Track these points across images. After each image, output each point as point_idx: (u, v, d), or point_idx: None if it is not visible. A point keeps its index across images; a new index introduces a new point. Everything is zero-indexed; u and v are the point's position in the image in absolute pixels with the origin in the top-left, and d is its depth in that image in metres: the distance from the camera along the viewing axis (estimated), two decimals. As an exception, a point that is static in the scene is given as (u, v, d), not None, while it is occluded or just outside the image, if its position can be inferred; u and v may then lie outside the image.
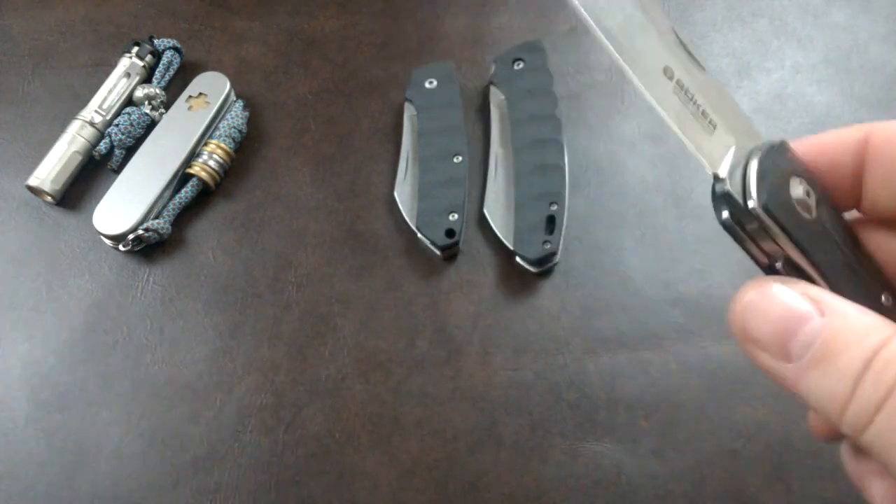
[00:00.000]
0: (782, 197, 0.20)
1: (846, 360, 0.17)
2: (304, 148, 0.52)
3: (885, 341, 0.16)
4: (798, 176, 0.20)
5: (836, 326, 0.17)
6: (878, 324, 0.17)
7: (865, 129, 0.20)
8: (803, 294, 0.18)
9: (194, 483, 0.42)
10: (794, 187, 0.20)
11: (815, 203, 0.20)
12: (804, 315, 0.18)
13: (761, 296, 0.19)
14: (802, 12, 0.56)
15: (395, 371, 0.44)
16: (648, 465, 0.42)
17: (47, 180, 0.48)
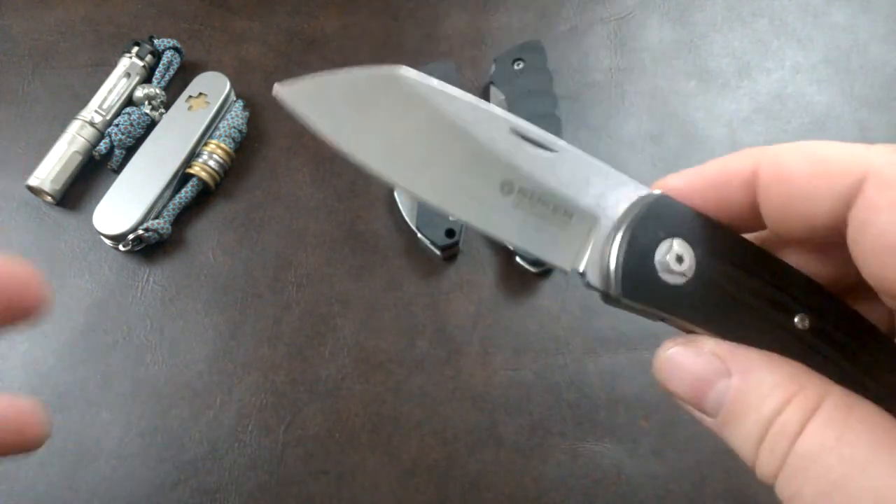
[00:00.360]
0: (646, 276, 0.20)
1: (748, 426, 0.18)
2: (304, 148, 0.52)
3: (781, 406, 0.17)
4: (670, 237, 0.20)
5: (739, 389, 0.18)
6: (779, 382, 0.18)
7: (752, 163, 0.20)
8: (711, 353, 0.19)
9: (194, 483, 0.42)
10: (660, 256, 0.20)
11: (691, 261, 0.20)
12: (712, 377, 0.18)
13: (674, 357, 0.20)
14: (802, 12, 0.56)
15: (395, 371, 0.44)
16: (648, 465, 0.42)
17: (47, 180, 0.48)
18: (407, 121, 0.20)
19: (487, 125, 0.20)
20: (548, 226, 0.20)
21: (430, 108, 0.20)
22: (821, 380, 0.18)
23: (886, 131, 0.52)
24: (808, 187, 0.18)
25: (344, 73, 0.20)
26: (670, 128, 0.52)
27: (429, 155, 0.20)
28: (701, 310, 0.20)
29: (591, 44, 0.55)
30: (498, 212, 0.20)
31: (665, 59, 0.55)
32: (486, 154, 0.20)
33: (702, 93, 0.53)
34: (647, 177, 0.54)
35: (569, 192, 0.20)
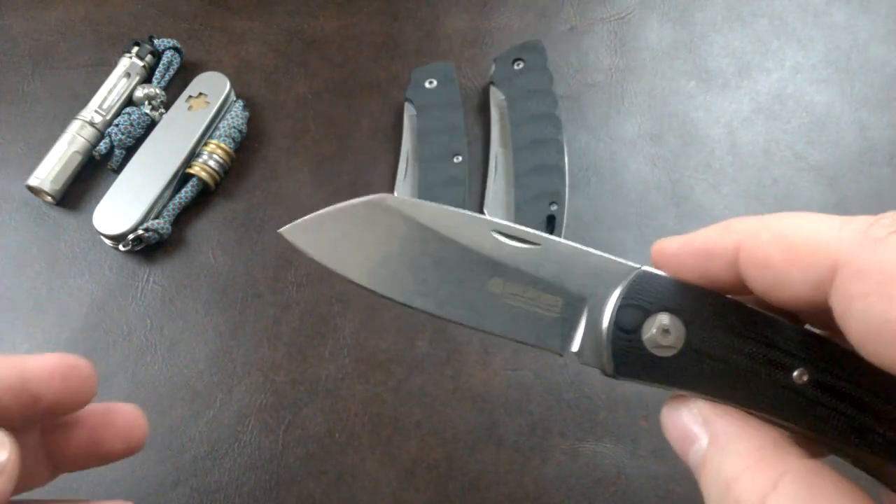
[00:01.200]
0: (636, 352, 0.21)
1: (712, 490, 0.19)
2: (304, 148, 0.52)
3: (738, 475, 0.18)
4: (657, 312, 0.21)
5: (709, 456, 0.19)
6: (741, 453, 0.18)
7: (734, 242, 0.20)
8: (696, 416, 0.20)
9: (194, 483, 0.42)
10: (648, 331, 0.21)
11: (681, 332, 0.20)
12: (692, 438, 0.20)
13: (667, 413, 0.21)
14: (802, 12, 0.56)
15: (395, 371, 0.44)
16: (648, 465, 0.42)
17: (47, 180, 0.48)
18: (395, 239, 0.22)
19: (471, 230, 0.22)
20: (540, 315, 0.22)
21: (413, 223, 0.22)
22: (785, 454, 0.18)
23: (886, 131, 0.52)
24: (785, 274, 0.18)
25: (336, 207, 0.22)
26: (670, 128, 0.52)
27: (419, 268, 0.22)
28: (695, 378, 0.20)
29: (591, 44, 0.55)
30: (491, 310, 0.22)
31: (665, 59, 0.55)
32: (473, 257, 0.22)
33: (702, 93, 0.53)
34: (648, 177, 0.55)
35: (555, 280, 0.22)
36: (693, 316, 0.20)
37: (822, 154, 0.51)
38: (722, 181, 0.50)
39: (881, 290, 0.16)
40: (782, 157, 0.51)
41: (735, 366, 0.20)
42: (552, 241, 0.22)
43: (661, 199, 0.49)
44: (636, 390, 0.43)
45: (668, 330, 0.20)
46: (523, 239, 0.22)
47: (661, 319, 0.20)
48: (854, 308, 0.17)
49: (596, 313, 0.21)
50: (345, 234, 0.22)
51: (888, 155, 0.51)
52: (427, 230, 0.22)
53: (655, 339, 0.20)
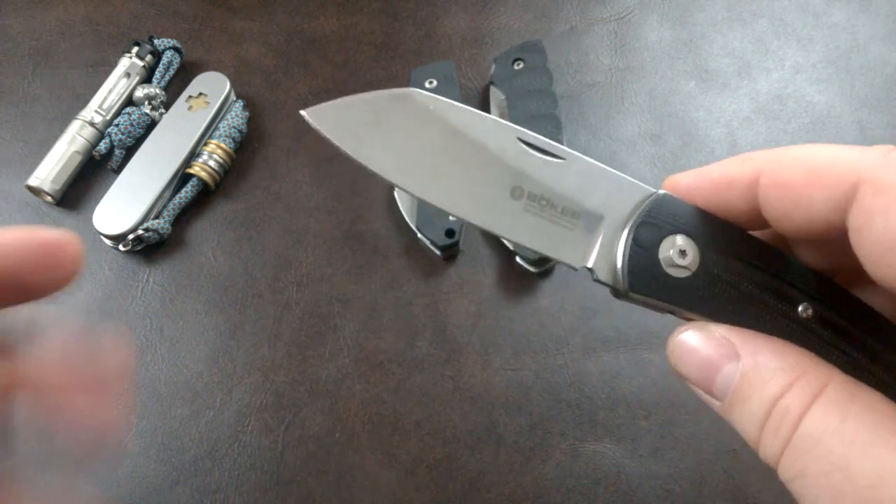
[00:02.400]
0: (652, 270, 0.21)
1: (752, 408, 0.18)
2: (304, 148, 0.52)
3: (784, 389, 0.18)
4: (674, 234, 0.21)
5: (746, 372, 0.19)
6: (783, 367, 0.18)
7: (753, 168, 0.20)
8: (721, 338, 0.20)
9: (194, 483, 0.42)
10: (665, 250, 0.21)
11: (696, 255, 0.21)
12: (720, 360, 0.19)
13: (684, 341, 0.20)
14: (802, 12, 0.56)
15: (395, 371, 0.44)
16: (648, 465, 0.42)
17: (47, 180, 0.48)
18: (420, 134, 0.22)
19: (496, 135, 0.22)
20: (557, 227, 0.22)
21: (441, 121, 0.22)
22: (825, 366, 0.18)
23: (886, 131, 0.52)
24: (806, 195, 0.19)
25: (362, 96, 0.22)
26: (670, 128, 0.52)
27: (442, 165, 0.22)
28: (706, 302, 0.20)
29: (591, 44, 0.55)
30: (509, 215, 0.22)
31: (665, 59, 0.55)
32: (496, 162, 0.22)
33: (702, 93, 0.53)
34: (648, 177, 0.55)
35: (576, 195, 0.22)
36: (708, 241, 0.21)
37: (822, 154, 0.51)
38: (722, 181, 0.50)
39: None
40: (782, 157, 0.51)
41: (745, 293, 0.20)
42: (576, 156, 0.22)
43: (661, 199, 0.49)
44: (636, 390, 0.43)
45: (685, 251, 0.21)
46: (548, 151, 0.22)
47: (678, 240, 0.21)
48: (873, 223, 0.17)
49: (613, 230, 0.22)
50: (369, 123, 0.22)
51: (888, 155, 0.51)
52: (453, 129, 0.22)
53: (671, 258, 0.21)
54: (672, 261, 0.21)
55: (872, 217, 0.17)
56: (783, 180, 0.19)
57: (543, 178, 0.22)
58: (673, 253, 0.21)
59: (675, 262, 0.21)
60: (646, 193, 0.22)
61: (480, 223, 0.22)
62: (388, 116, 0.22)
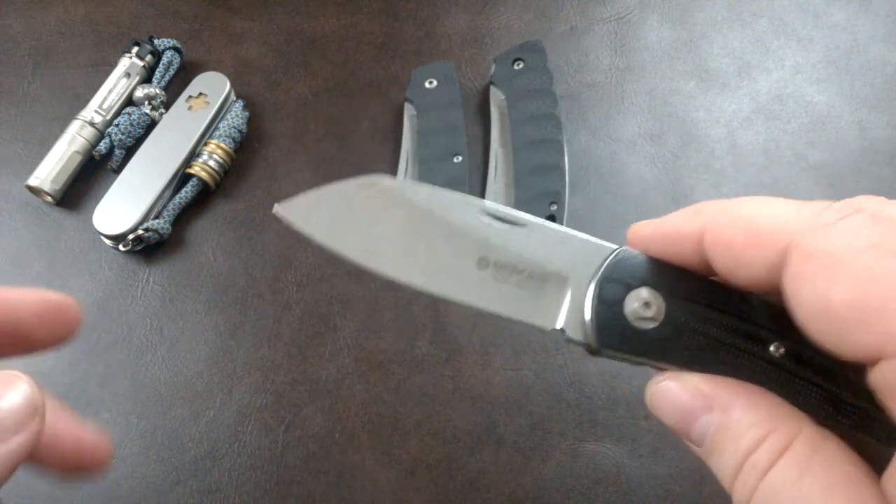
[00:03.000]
0: (619, 325, 0.21)
1: (726, 459, 0.19)
2: (304, 148, 0.52)
3: (756, 444, 0.18)
4: (637, 287, 0.21)
5: (720, 424, 0.19)
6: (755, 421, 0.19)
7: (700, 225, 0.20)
8: (696, 389, 0.20)
9: (194, 483, 0.42)
10: (630, 304, 0.21)
11: (660, 306, 0.21)
12: (695, 412, 0.20)
13: (661, 392, 0.21)
14: (802, 12, 0.56)
15: (395, 371, 0.44)
16: (648, 465, 0.42)
17: (47, 180, 0.48)
18: (388, 218, 0.23)
19: (459, 209, 0.23)
20: (525, 292, 0.23)
21: (406, 202, 0.23)
22: (796, 417, 0.19)
23: (886, 131, 0.52)
24: (745, 256, 0.19)
25: (331, 187, 0.23)
26: (670, 128, 0.52)
27: (411, 244, 0.23)
28: (676, 351, 0.21)
29: (591, 44, 0.55)
30: (478, 286, 0.23)
31: (665, 59, 0.55)
32: (461, 235, 0.23)
33: (702, 93, 0.53)
34: (648, 177, 0.55)
35: (540, 260, 0.23)
36: (672, 290, 0.21)
37: (822, 154, 0.51)
38: (722, 181, 0.50)
39: (826, 272, 0.17)
40: (782, 157, 0.51)
41: (715, 338, 0.21)
42: (537, 222, 0.23)
43: (661, 199, 0.49)
44: (636, 390, 0.43)
45: (649, 303, 0.21)
46: (510, 220, 0.23)
47: (642, 293, 0.21)
48: (802, 289, 0.18)
49: (579, 291, 0.22)
50: (339, 212, 0.23)
51: (888, 155, 0.51)
52: (419, 209, 0.23)
53: (637, 311, 0.21)
54: (638, 314, 0.21)
55: (801, 284, 0.18)
56: (724, 239, 0.20)
57: (507, 247, 0.23)
58: (638, 306, 0.21)
59: (641, 314, 0.21)
60: (607, 251, 0.22)
61: (452, 296, 0.22)
62: (356, 204, 0.23)
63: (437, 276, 0.22)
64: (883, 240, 0.16)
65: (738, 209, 0.20)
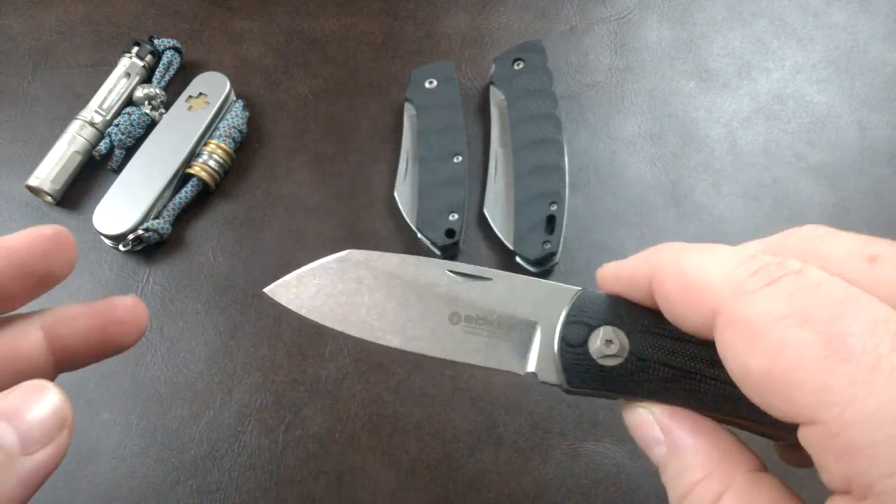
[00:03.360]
0: (586, 364, 0.22)
1: (672, 493, 0.21)
2: (304, 148, 0.52)
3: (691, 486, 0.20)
4: (598, 326, 0.22)
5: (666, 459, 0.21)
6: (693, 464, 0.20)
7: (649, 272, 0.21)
8: (652, 422, 0.21)
9: (194, 483, 0.42)
10: (594, 343, 0.22)
11: (623, 342, 0.22)
12: (649, 442, 0.21)
13: (628, 417, 0.22)
14: (802, 12, 0.56)
15: (395, 371, 0.44)
16: (648, 465, 0.42)
17: (47, 180, 0.48)
18: (363, 286, 0.25)
19: (427, 272, 0.25)
20: (496, 341, 0.24)
21: (378, 271, 0.25)
22: (734, 463, 0.19)
23: (886, 131, 0.52)
24: (681, 310, 0.20)
25: (310, 266, 0.26)
26: (670, 128, 0.52)
27: (387, 309, 0.24)
28: (643, 384, 0.22)
29: (591, 44, 0.55)
30: (451, 340, 0.24)
31: (665, 59, 0.55)
32: (431, 295, 0.24)
33: (702, 93, 0.53)
34: (648, 177, 0.55)
35: (507, 309, 0.24)
36: (633, 326, 0.22)
37: (822, 154, 0.51)
38: (722, 181, 0.50)
39: (744, 341, 0.17)
40: (782, 157, 0.51)
41: (679, 368, 0.21)
42: (501, 274, 0.24)
43: (661, 199, 0.49)
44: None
45: (612, 340, 0.22)
46: (474, 276, 0.24)
47: (604, 331, 0.22)
48: (727, 354, 0.18)
49: (547, 334, 0.23)
50: (320, 287, 0.25)
51: (888, 155, 0.51)
52: (390, 276, 0.25)
53: (601, 349, 0.22)
54: (602, 351, 0.22)
55: (726, 349, 0.18)
56: (663, 291, 0.20)
57: (475, 300, 0.24)
58: (601, 344, 0.22)
59: (605, 352, 0.22)
60: (570, 293, 0.23)
61: (427, 353, 0.24)
62: (334, 278, 0.25)
63: (412, 335, 0.24)
64: (795, 309, 0.17)
65: (679, 261, 0.20)
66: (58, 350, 0.24)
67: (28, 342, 0.23)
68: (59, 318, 0.24)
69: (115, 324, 0.25)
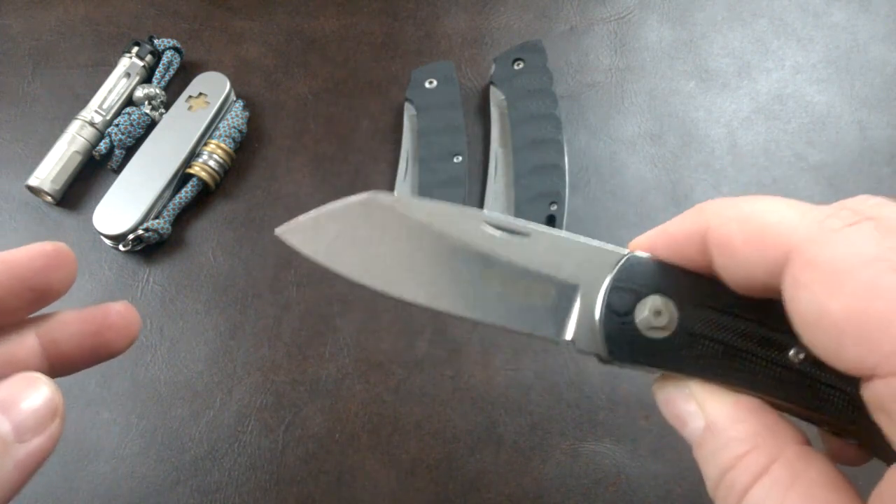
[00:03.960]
0: (630, 335, 0.21)
1: (709, 469, 0.20)
2: (304, 148, 0.52)
3: (735, 460, 0.19)
4: (647, 295, 0.21)
5: (704, 436, 0.20)
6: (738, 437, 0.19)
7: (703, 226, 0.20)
8: (687, 397, 0.20)
9: (194, 483, 0.42)
10: (641, 313, 0.21)
11: (673, 314, 0.20)
12: (686, 417, 0.20)
13: (661, 390, 0.21)
14: (802, 12, 0.56)
15: (395, 371, 0.44)
16: (648, 465, 0.42)
17: (47, 180, 0.48)
18: (388, 235, 0.22)
19: (462, 223, 0.22)
20: (533, 304, 0.22)
21: (405, 218, 0.22)
22: (781, 437, 0.19)
23: (886, 131, 0.52)
24: (743, 256, 0.19)
25: (329, 207, 0.23)
26: (670, 128, 0.52)
27: (413, 261, 0.22)
28: (690, 360, 0.20)
29: (591, 44, 0.55)
30: (485, 301, 0.22)
31: (665, 59, 0.55)
32: (463, 248, 0.22)
33: (702, 93, 0.53)
34: (648, 177, 0.55)
35: (547, 269, 0.22)
36: (684, 297, 0.20)
37: (822, 154, 0.51)
38: (722, 181, 0.50)
39: (825, 281, 0.16)
40: (782, 157, 0.51)
41: (730, 346, 0.20)
42: (541, 230, 0.22)
43: (661, 199, 0.49)
44: (636, 390, 0.43)
45: (661, 311, 0.20)
46: (513, 230, 0.22)
47: (653, 301, 0.20)
48: (800, 296, 0.17)
49: (588, 300, 0.21)
50: (339, 232, 0.22)
51: (888, 155, 0.51)
52: (420, 225, 0.22)
53: (648, 320, 0.20)
54: (649, 323, 0.20)
55: (798, 291, 0.17)
56: (725, 239, 0.19)
57: (512, 258, 0.22)
58: (649, 314, 0.20)
59: (652, 324, 0.20)
60: (616, 257, 0.21)
61: (457, 312, 0.22)
62: (356, 223, 0.23)
63: (440, 292, 0.22)
64: (888, 253, 0.16)
65: (741, 206, 0.19)
66: (52, 355, 0.25)
67: (24, 348, 0.24)
68: (53, 325, 0.25)
69: (107, 329, 0.25)
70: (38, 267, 0.23)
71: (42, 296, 0.24)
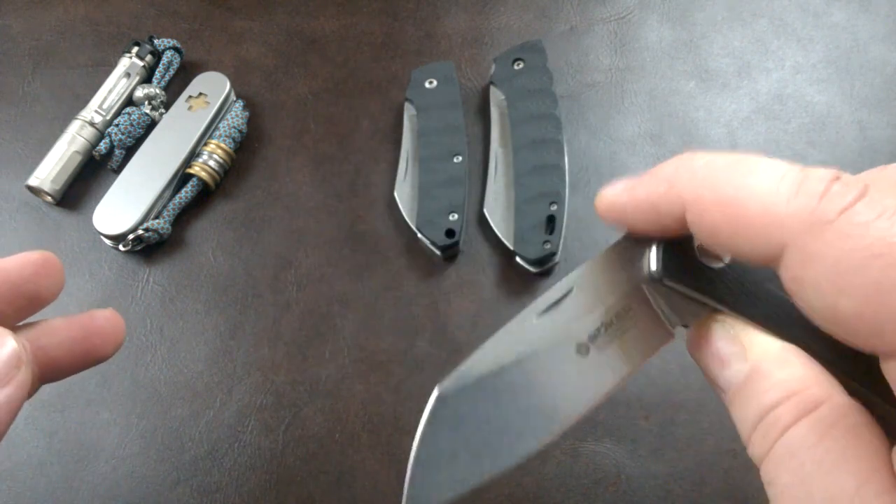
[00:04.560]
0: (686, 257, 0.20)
1: (749, 410, 0.19)
2: (304, 148, 0.52)
3: (780, 400, 0.18)
4: None
5: (749, 376, 0.19)
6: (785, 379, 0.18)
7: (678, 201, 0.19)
8: (733, 337, 0.20)
9: (194, 483, 0.42)
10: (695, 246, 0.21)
11: None
12: (729, 358, 0.20)
13: (699, 331, 0.21)
14: (802, 12, 0.56)
15: (395, 371, 0.44)
16: (648, 465, 0.42)
17: (47, 180, 0.48)
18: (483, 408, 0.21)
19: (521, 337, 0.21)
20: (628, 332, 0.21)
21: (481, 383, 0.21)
22: (828, 385, 0.18)
23: (886, 131, 0.52)
24: (734, 244, 0.18)
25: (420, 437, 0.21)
26: (670, 128, 0.52)
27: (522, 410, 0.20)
28: (741, 296, 0.20)
29: (591, 44, 0.55)
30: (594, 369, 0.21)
31: (665, 59, 0.55)
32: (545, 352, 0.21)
33: (702, 93, 0.53)
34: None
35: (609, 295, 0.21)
36: None
37: (822, 154, 0.51)
38: (722, 181, 0.50)
39: (831, 280, 0.16)
40: (782, 157, 0.51)
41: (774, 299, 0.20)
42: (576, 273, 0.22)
43: (661, 199, 0.49)
44: (636, 390, 0.43)
45: None
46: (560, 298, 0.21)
47: None
48: (804, 293, 0.17)
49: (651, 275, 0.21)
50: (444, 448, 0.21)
51: (888, 155, 0.51)
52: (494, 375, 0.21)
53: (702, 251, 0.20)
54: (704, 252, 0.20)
55: (802, 287, 0.17)
56: (708, 226, 0.19)
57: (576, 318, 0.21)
58: None
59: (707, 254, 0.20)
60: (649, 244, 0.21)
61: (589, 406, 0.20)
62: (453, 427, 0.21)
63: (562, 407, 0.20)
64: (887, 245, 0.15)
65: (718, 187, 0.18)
66: (42, 362, 0.25)
67: None
68: (42, 331, 0.25)
69: (94, 335, 0.26)
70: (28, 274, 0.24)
71: (31, 303, 0.25)
